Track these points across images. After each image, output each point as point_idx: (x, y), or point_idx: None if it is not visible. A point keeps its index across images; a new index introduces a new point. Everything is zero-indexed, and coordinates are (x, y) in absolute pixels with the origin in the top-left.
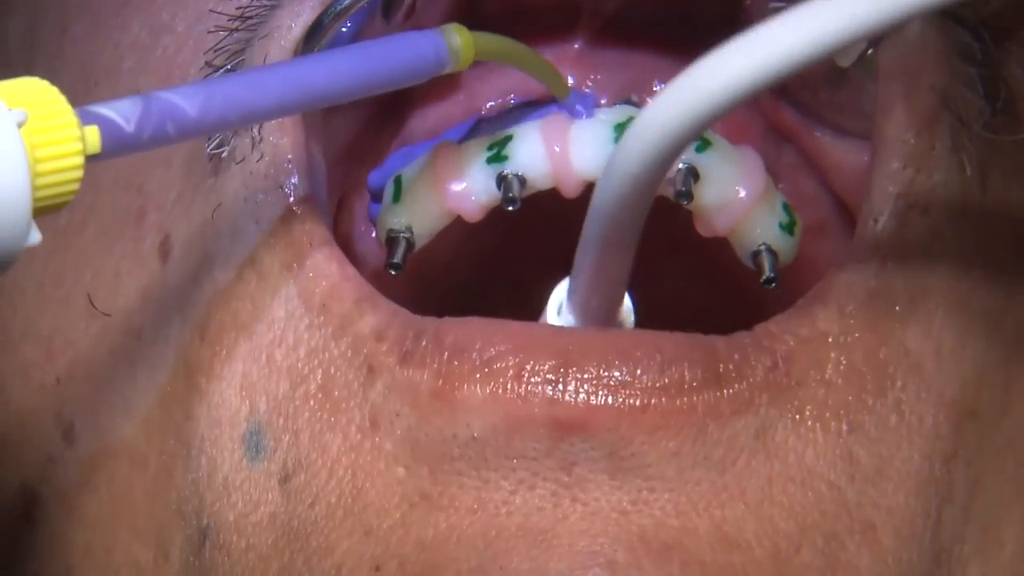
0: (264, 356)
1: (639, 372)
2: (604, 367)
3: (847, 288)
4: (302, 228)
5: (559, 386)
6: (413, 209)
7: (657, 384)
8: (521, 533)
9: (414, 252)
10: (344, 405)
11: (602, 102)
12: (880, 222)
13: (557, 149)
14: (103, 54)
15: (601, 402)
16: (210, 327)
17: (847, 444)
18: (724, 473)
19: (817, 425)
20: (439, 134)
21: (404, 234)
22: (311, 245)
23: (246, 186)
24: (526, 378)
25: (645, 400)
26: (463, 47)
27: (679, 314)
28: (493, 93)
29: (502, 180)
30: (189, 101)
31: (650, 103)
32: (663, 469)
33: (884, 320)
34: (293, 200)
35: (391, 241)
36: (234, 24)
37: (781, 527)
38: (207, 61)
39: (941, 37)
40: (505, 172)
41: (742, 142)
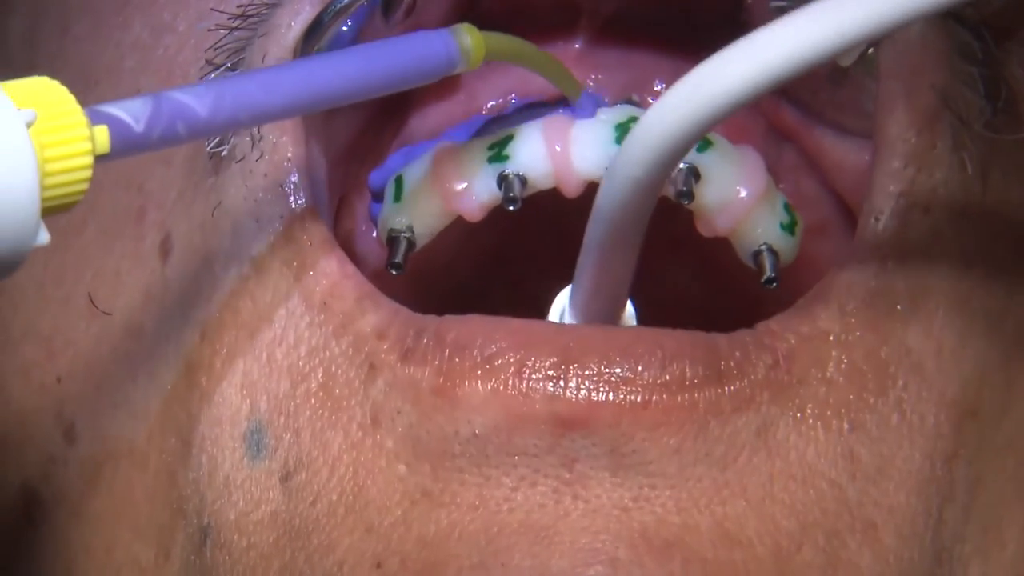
0: (265, 355)
1: (640, 368)
2: (605, 363)
3: (848, 287)
4: (302, 227)
5: (560, 383)
6: (414, 209)
7: (658, 381)
8: (522, 530)
9: (415, 252)
10: (345, 403)
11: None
12: (881, 221)
13: (558, 149)
14: (104, 54)
15: (602, 398)
16: (211, 326)
17: (848, 442)
18: (725, 470)
19: (818, 423)
20: (440, 134)
21: (405, 234)
22: (311, 243)
23: (246, 185)
24: (527, 375)
25: (646, 396)
26: (474, 47)
27: (680, 313)
28: (493, 93)
29: (503, 180)
30: (199, 101)
31: (653, 106)
32: (664, 466)
33: (885, 319)
34: (293, 199)
35: (392, 241)
36: (235, 23)
37: (782, 525)
38: (207, 59)
39: (942, 36)
40: (506, 172)
41: (743, 142)
